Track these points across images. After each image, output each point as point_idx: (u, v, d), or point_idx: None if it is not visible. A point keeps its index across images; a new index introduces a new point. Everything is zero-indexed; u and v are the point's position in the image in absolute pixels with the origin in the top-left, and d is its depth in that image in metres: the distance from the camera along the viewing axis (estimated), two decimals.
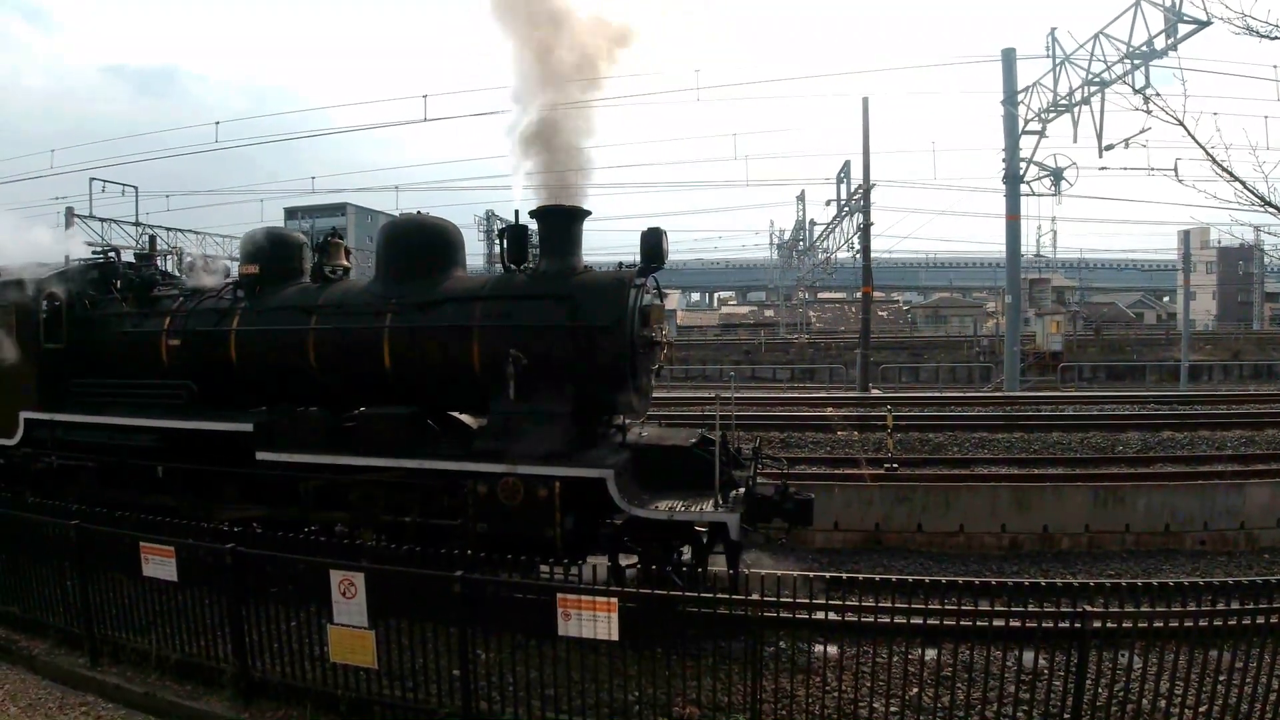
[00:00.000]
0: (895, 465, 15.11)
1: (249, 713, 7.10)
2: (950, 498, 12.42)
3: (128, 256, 13.12)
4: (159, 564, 7.59)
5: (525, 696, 6.56)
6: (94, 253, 13.26)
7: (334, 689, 6.98)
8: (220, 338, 10.40)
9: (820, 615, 6.81)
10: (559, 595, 6.33)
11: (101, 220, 32.80)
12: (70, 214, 32.14)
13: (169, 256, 13.66)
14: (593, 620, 6.17)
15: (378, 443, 9.15)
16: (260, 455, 9.50)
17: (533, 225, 9.69)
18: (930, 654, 6.78)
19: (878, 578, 9.41)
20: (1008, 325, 29.70)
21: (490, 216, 49.93)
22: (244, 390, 10.53)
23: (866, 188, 32.01)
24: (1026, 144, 26.77)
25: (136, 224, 34.02)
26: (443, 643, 6.73)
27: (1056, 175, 26.85)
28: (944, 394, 27.85)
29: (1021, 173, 26.92)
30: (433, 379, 9.49)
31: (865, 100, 30.52)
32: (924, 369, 43.57)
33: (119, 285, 11.93)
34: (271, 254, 10.72)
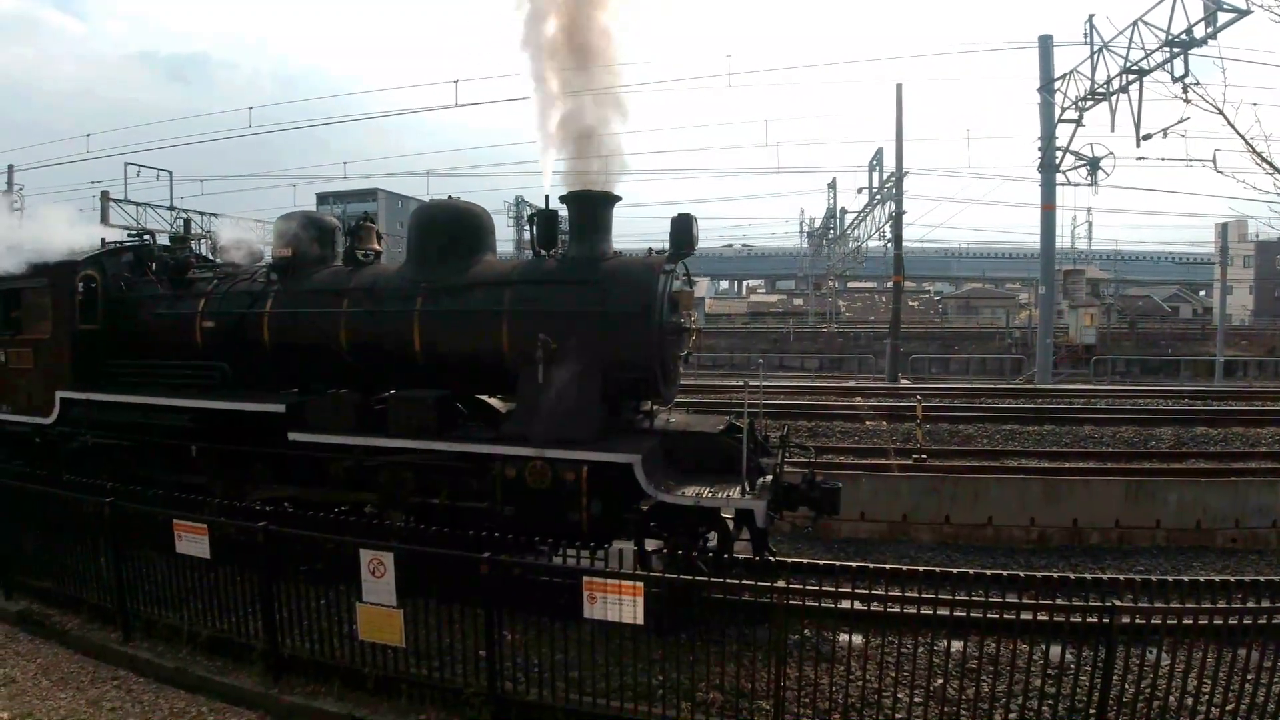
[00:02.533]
0: (924, 456, 15.04)
1: (278, 688, 7.20)
2: (979, 489, 12.32)
3: (162, 240, 13.28)
4: (192, 541, 7.70)
5: (550, 678, 6.60)
6: (129, 236, 13.43)
7: (361, 666, 7.07)
8: (254, 320, 10.53)
9: (846, 604, 6.79)
10: (585, 578, 6.36)
11: (136, 204, 33.15)
12: (105, 197, 32.50)
13: (203, 240, 13.81)
14: (619, 604, 6.19)
15: (407, 425, 9.21)
16: (292, 436, 9.59)
17: (563, 210, 9.72)
18: (956, 646, 6.76)
19: (904, 568, 9.44)
20: (1040, 317, 29.39)
21: (520, 202, 50.05)
22: (276, 372, 10.66)
23: (899, 175, 31.80)
24: (1063, 132, 26.42)
25: (171, 208, 34.34)
26: (469, 623, 6.78)
27: (1093, 165, 26.43)
28: (974, 385, 27.59)
29: (1057, 162, 26.57)
30: (462, 363, 9.55)
31: (899, 86, 30.34)
32: (954, 360, 43.30)
33: (154, 268, 12.09)
34: (304, 238, 10.82)
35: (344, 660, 7.19)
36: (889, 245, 34.01)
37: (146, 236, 13.07)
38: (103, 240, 12.42)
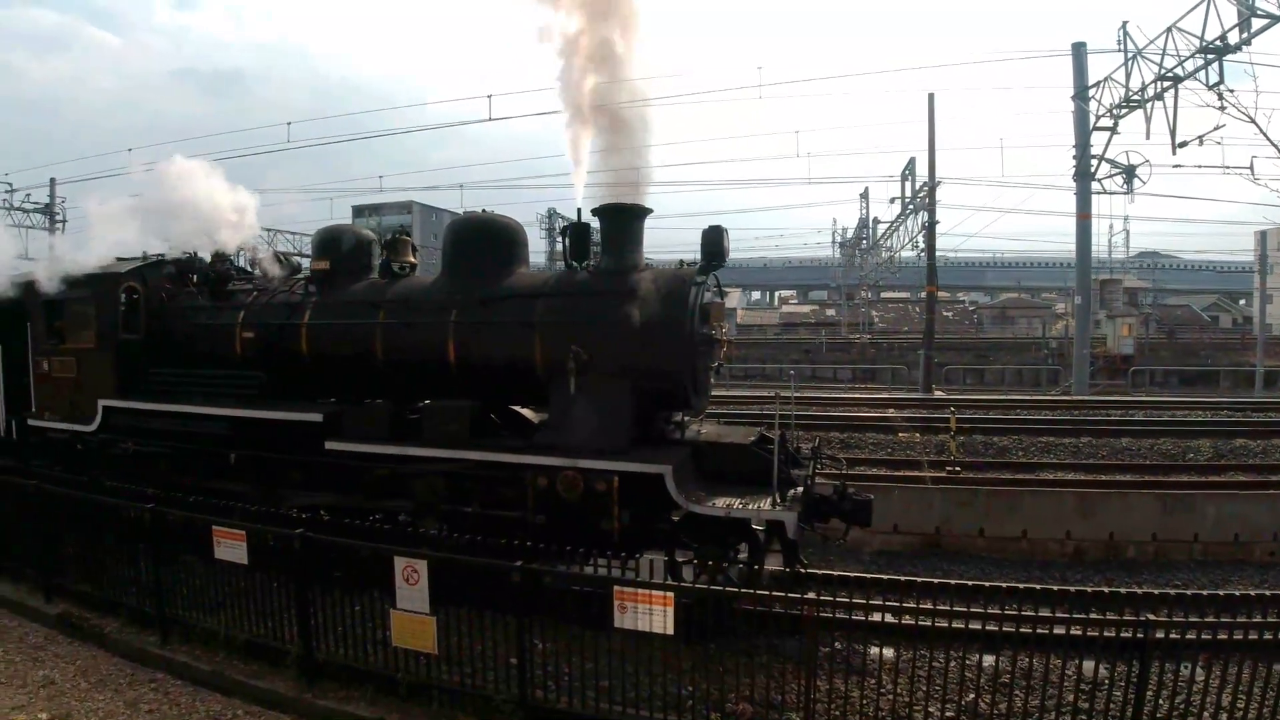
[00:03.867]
0: (957, 468, 14.94)
1: (312, 693, 7.30)
2: (1014, 502, 12.21)
3: (203, 252, 13.50)
4: (230, 547, 7.83)
5: (580, 687, 6.65)
6: (169, 248, 13.67)
7: (394, 672, 7.15)
8: (292, 331, 10.70)
9: (877, 617, 6.77)
10: (616, 588, 6.41)
11: None
12: None
13: (243, 252, 14.02)
14: (649, 614, 6.22)
15: (441, 434, 9.33)
16: (328, 445, 9.73)
17: (595, 223, 9.79)
18: (988, 660, 6.72)
19: (936, 581, 9.40)
20: (1077, 327, 29.08)
21: (552, 214, 50.35)
22: (313, 381, 10.82)
23: (932, 185, 31.64)
24: (1098, 140, 26.13)
25: None
26: (500, 631, 6.86)
27: (1129, 172, 26.13)
28: (1010, 397, 27.33)
29: (1093, 170, 26.31)
30: (495, 373, 9.64)
31: (931, 96, 30.25)
32: (989, 371, 42.85)
33: (195, 279, 12.33)
34: (341, 251, 11.00)
35: (377, 666, 7.28)
36: (922, 255, 33.81)
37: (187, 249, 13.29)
38: (144, 252, 12.68)
